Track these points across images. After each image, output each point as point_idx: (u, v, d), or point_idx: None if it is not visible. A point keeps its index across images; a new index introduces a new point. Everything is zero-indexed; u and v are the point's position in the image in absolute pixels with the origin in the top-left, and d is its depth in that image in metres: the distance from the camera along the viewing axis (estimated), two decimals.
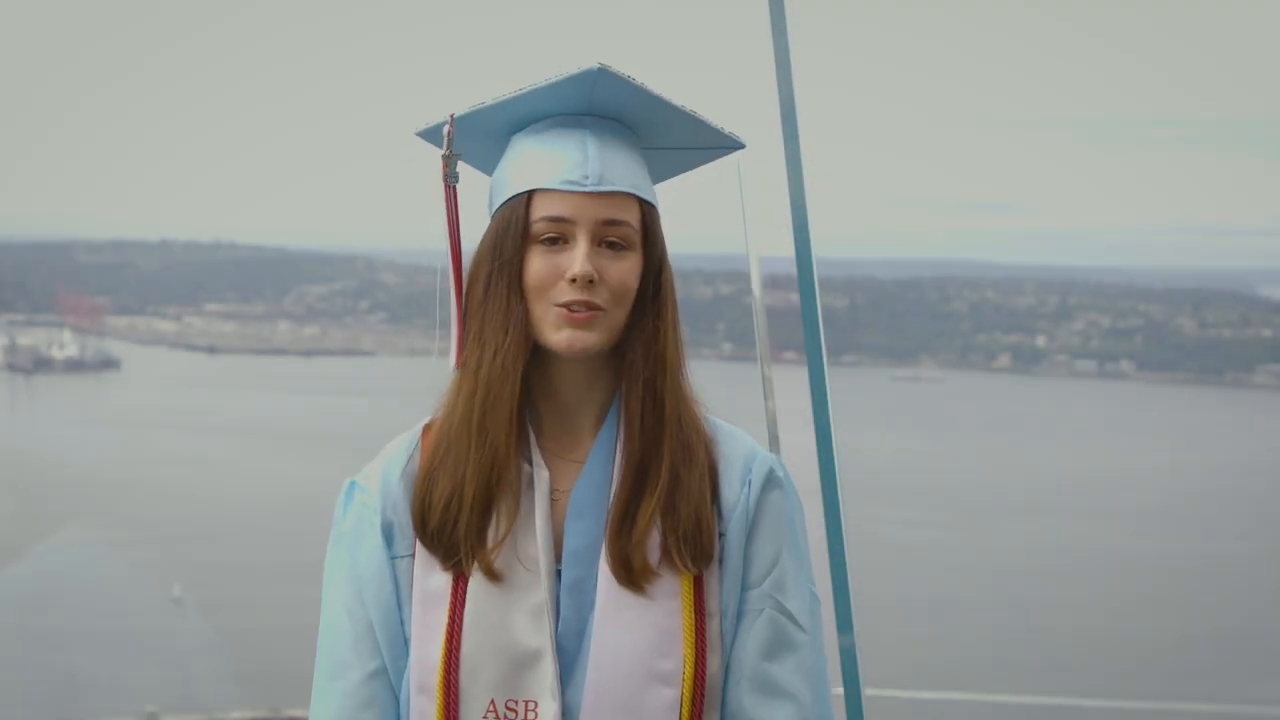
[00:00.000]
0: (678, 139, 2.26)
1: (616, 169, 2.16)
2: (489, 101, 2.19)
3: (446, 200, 2.21)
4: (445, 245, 2.21)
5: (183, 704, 43.05)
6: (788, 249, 2.64)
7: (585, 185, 2.13)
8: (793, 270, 2.64)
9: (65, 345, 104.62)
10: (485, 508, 2.14)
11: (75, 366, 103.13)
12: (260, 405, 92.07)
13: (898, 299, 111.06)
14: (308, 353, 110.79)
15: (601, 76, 2.14)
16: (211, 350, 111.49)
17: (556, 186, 2.14)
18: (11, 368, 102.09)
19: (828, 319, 2.61)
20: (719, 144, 2.28)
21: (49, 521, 63.78)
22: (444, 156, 2.20)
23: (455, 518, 2.14)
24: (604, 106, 2.19)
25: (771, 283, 2.67)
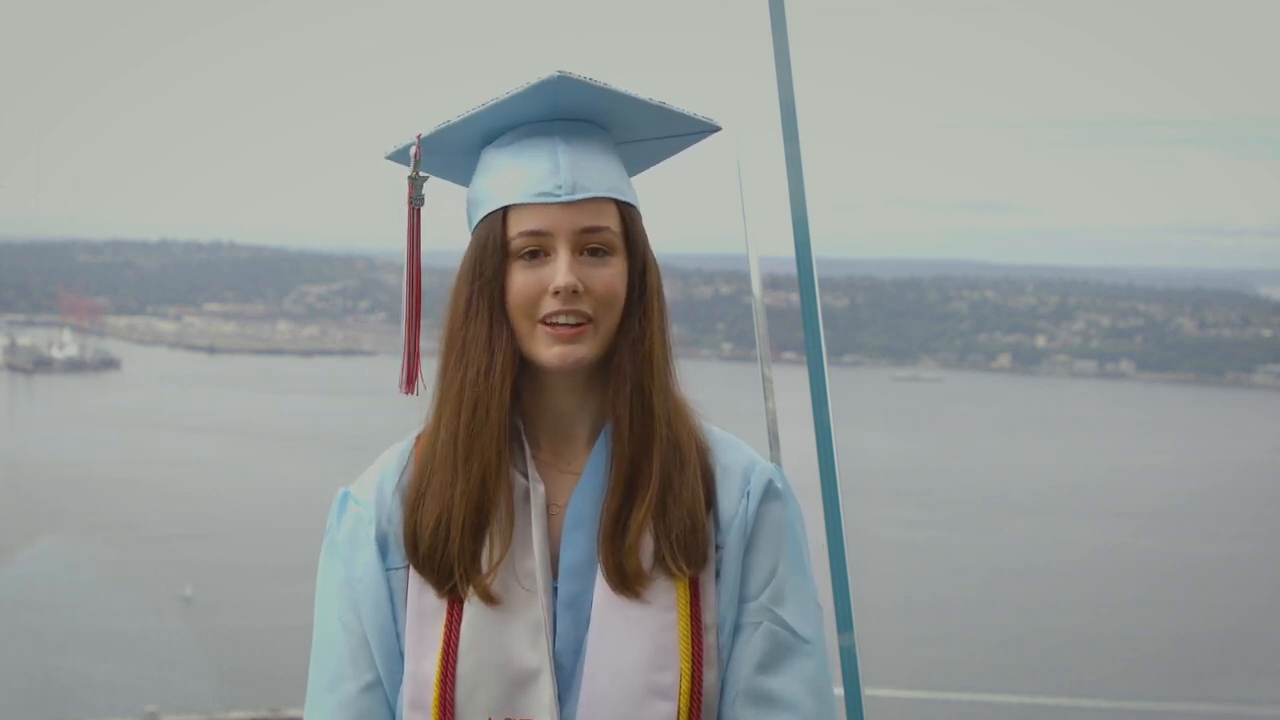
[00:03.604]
0: (652, 130, 2.21)
1: (590, 174, 2.12)
2: (454, 119, 2.14)
3: (409, 225, 2.18)
4: (414, 264, 2.18)
5: (182, 704, 43.05)
6: (788, 249, 2.63)
7: (559, 195, 2.09)
8: (793, 270, 2.63)
9: (65, 345, 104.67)
10: (476, 530, 2.10)
11: (75, 366, 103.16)
12: (260, 405, 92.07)
13: (898, 299, 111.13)
14: (308, 353, 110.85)
15: (562, 84, 2.10)
16: (211, 350, 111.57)
17: (530, 200, 2.09)
18: (11, 368, 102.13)
19: (828, 319, 2.60)
20: (694, 129, 2.22)
21: (48, 521, 63.78)
22: (410, 179, 2.17)
23: (445, 542, 2.09)
24: (571, 110, 2.15)
25: (771, 283, 2.65)
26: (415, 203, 2.17)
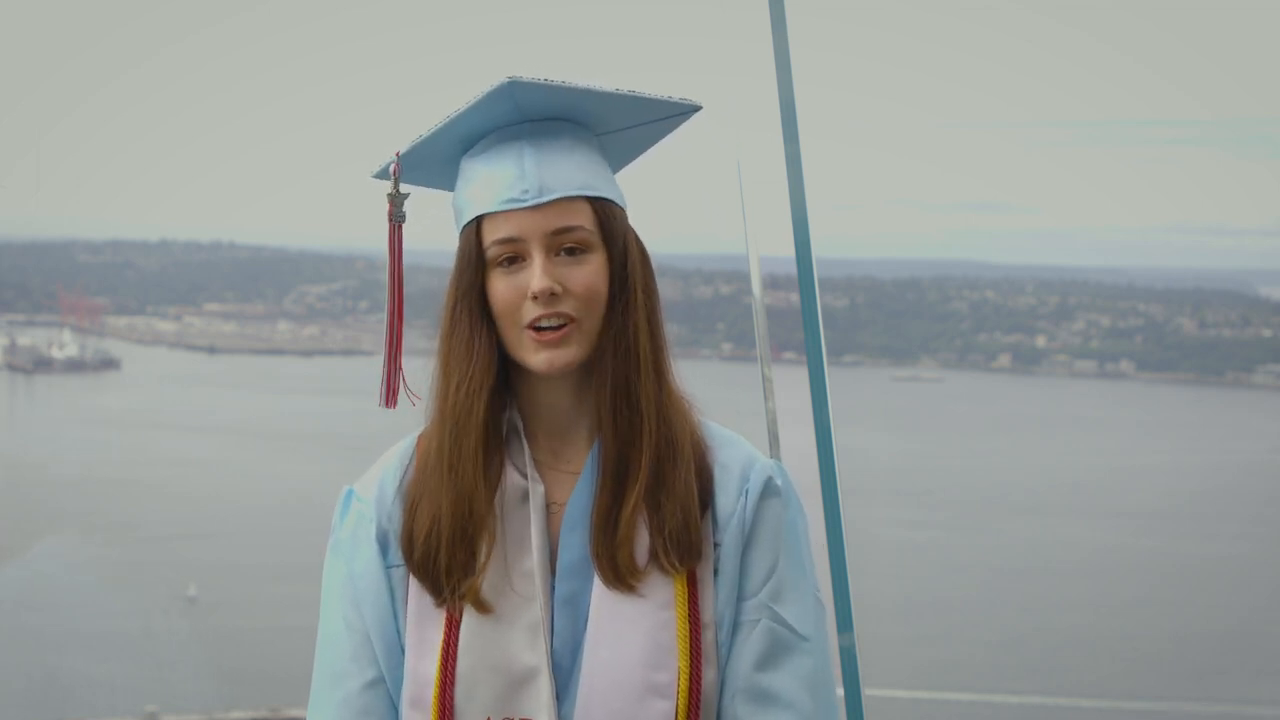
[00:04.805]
0: (629, 118, 2.19)
1: (558, 175, 2.11)
2: (425, 134, 2.14)
3: (390, 241, 2.18)
4: (406, 273, 2.19)
5: (182, 704, 43.06)
6: (788, 249, 2.63)
7: (526, 200, 2.09)
8: (793, 270, 2.63)
9: (65, 345, 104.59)
10: (465, 540, 2.11)
11: (75, 366, 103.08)
12: (260, 405, 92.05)
13: (898, 299, 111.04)
14: (308, 353, 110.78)
15: (515, 89, 2.09)
16: (211, 350, 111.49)
17: (498, 208, 2.10)
18: (11, 368, 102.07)
19: (828, 319, 2.60)
20: (669, 113, 2.20)
21: (48, 521, 63.78)
22: (389, 196, 2.17)
23: (436, 551, 2.11)
24: (540, 111, 2.14)
25: (771, 283, 2.66)
26: (396, 219, 2.18)
